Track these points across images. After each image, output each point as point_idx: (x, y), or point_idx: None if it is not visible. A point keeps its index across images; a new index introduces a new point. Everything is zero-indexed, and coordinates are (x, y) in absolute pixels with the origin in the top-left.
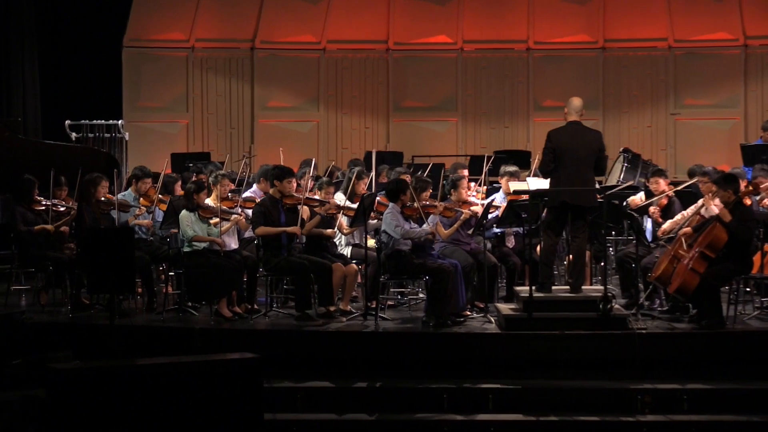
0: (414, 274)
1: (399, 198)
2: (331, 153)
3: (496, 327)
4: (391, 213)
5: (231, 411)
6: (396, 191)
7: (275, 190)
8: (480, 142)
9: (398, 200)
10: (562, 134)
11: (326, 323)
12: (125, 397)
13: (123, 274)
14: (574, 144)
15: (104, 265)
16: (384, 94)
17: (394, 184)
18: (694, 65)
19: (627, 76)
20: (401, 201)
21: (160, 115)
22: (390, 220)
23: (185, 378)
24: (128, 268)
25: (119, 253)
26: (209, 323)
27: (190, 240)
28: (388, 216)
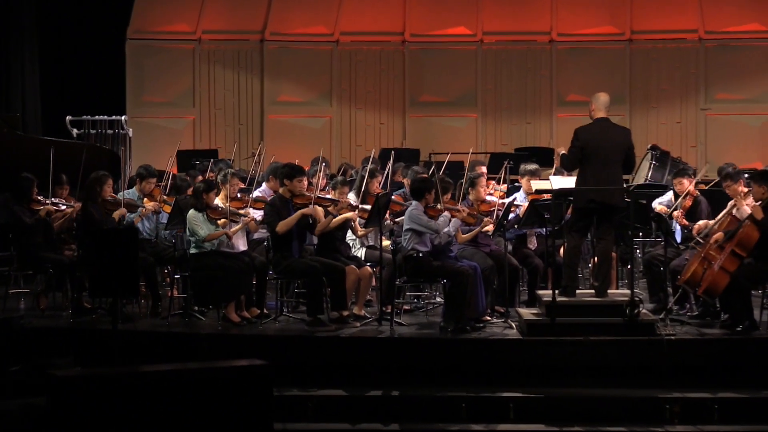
0: (431, 277)
1: (423, 197)
2: (344, 150)
3: (517, 333)
4: (417, 209)
5: (239, 420)
6: (421, 189)
7: (285, 189)
8: (500, 138)
9: (422, 199)
10: (590, 132)
11: (339, 328)
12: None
13: (126, 277)
14: (603, 142)
15: (107, 267)
16: (400, 89)
17: (419, 182)
18: (726, 58)
19: (655, 70)
20: (425, 200)
21: (165, 111)
22: (417, 215)
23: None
24: (132, 270)
25: (122, 255)
26: (216, 328)
27: (203, 240)
28: (414, 212)
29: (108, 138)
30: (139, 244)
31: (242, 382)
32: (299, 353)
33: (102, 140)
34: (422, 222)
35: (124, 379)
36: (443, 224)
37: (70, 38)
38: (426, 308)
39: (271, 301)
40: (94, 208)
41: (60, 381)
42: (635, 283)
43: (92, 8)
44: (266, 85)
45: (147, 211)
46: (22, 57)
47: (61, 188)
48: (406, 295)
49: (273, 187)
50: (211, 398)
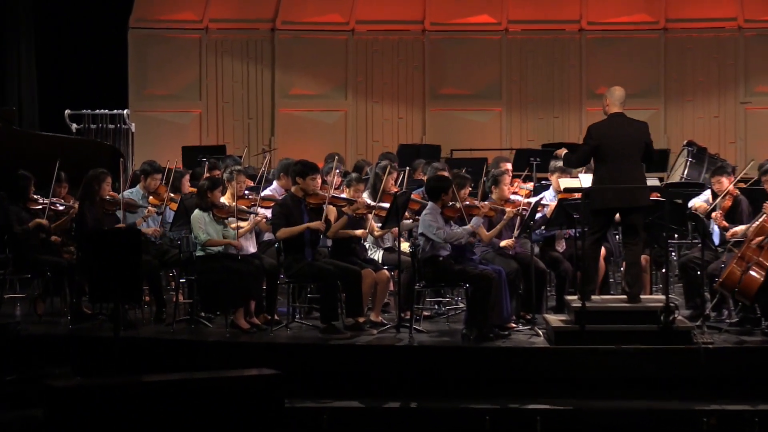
0: (453, 281)
1: (440, 197)
2: (361, 146)
3: (544, 341)
4: (431, 214)
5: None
6: (437, 189)
7: (297, 187)
8: (527, 133)
9: (439, 199)
10: (604, 128)
11: (355, 336)
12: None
13: (129, 281)
14: (618, 138)
15: (108, 270)
16: (419, 81)
17: (435, 181)
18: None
19: (691, 61)
20: (442, 201)
21: (170, 104)
22: (429, 222)
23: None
24: (134, 274)
25: (124, 258)
26: (224, 336)
27: (204, 244)
28: (426, 217)
29: (109, 133)
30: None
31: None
32: (312, 362)
33: (103, 135)
34: (431, 231)
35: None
36: (461, 235)
37: (69, 27)
38: (447, 314)
39: (283, 306)
40: (89, 208)
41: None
42: (670, 288)
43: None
44: (277, 77)
45: (151, 212)
46: (18, 47)
47: (60, 186)
48: (426, 301)
49: (284, 185)
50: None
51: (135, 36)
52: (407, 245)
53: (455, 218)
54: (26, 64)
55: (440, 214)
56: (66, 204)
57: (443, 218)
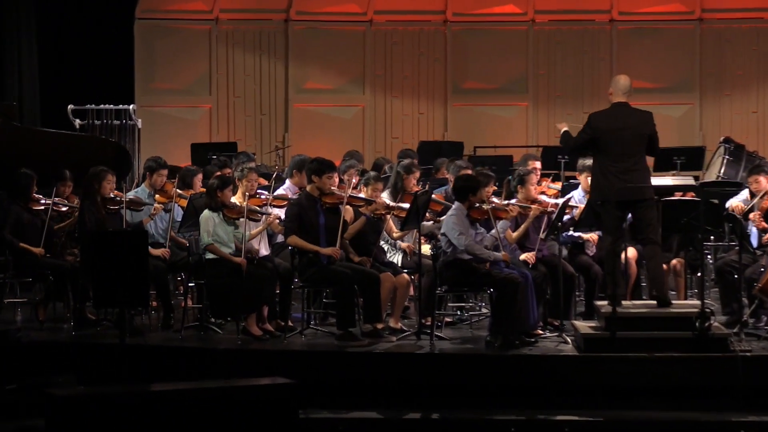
0: (476, 285)
1: (467, 197)
2: (379, 143)
3: (573, 348)
4: (456, 215)
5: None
6: (465, 189)
7: (313, 186)
8: (554, 130)
9: (466, 200)
10: (604, 117)
11: (373, 343)
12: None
13: (134, 285)
14: (618, 128)
15: (113, 273)
16: (441, 74)
17: (463, 181)
18: None
19: (729, 53)
20: (469, 201)
21: (178, 99)
22: (453, 225)
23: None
24: (141, 277)
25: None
26: (235, 343)
27: (204, 248)
28: (451, 219)
29: (114, 129)
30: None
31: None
32: (328, 371)
33: (108, 132)
34: (453, 235)
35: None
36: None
37: (72, 18)
38: (470, 321)
39: (297, 312)
40: (90, 208)
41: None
42: (706, 292)
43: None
44: (291, 70)
45: (158, 209)
46: (18, 39)
47: (64, 185)
48: (448, 306)
49: (298, 183)
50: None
51: (141, 27)
52: (428, 247)
53: (481, 221)
54: (27, 57)
55: (466, 215)
56: (69, 204)
57: (469, 220)
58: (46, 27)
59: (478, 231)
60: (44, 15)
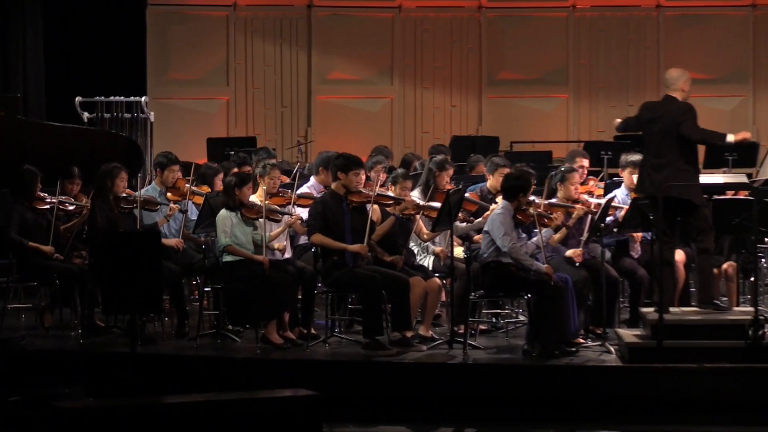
0: (513, 290)
1: (517, 197)
2: (408, 138)
3: (616, 358)
4: (503, 214)
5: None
6: (515, 189)
7: (339, 184)
8: (597, 124)
9: (516, 200)
10: (647, 107)
11: (402, 352)
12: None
13: (147, 290)
14: (650, 120)
15: (124, 278)
16: (475, 64)
17: (515, 179)
18: None
19: None
20: (518, 202)
21: (193, 91)
22: (499, 223)
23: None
24: (154, 281)
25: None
26: (254, 352)
27: (222, 250)
28: (498, 217)
29: (125, 123)
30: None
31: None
32: (354, 382)
33: (118, 126)
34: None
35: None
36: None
37: (79, 4)
38: (506, 328)
39: (321, 319)
40: (101, 208)
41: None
42: (760, 298)
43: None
44: (314, 60)
45: (174, 209)
46: (23, 27)
47: (72, 183)
48: (483, 313)
49: (322, 181)
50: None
51: (154, 14)
52: (461, 250)
53: (526, 225)
54: (32, 46)
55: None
56: (77, 203)
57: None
58: (53, 14)
59: (521, 236)
60: (50, 1)
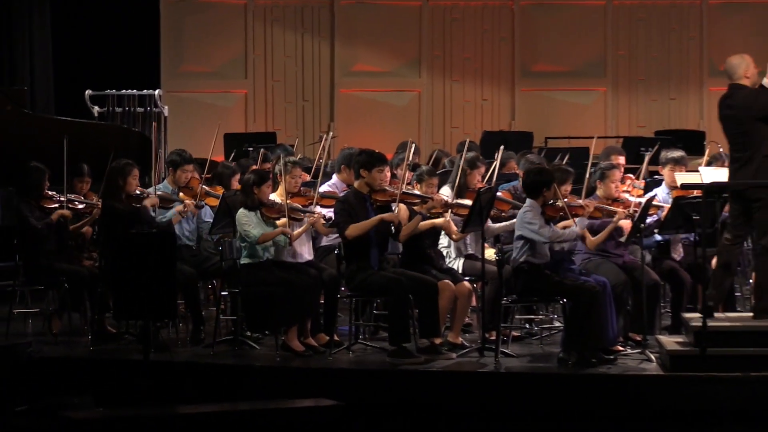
0: (548, 295)
1: (541, 193)
2: (437, 133)
3: (657, 367)
4: (531, 211)
5: None
6: (538, 184)
7: (362, 182)
8: (637, 118)
9: (539, 196)
10: (720, 103)
11: (430, 360)
12: None
13: (161, 294)
14: (722, 112)
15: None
16: (508, 56)
17: (536, 175)
18: None
19: None
20: (543, 197)
21: (209, 83)
22: (530, 219)
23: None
24: (168, 285)
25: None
26: (274, 360)
27: (256, 241)
28: (527, 215)
29: (138, 117)
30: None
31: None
32: (379, 391)
33: (130, 120)
34: (533, 229)
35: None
36: (569, 235)
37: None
38: (540, 335)
39: (344, 325)
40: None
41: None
42: None
43: None
44: (337, 50)
45: (189, 207)
46: (29, 16)
47: (81, 181)
48: (515, 319)
49: (346, 179)
50: None
51: (168, 2)
52: (493, 252)
53: (556, 219)
54: (39, 36)
55: (540, 214)
56: (87, 201)
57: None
58: (61, 2)
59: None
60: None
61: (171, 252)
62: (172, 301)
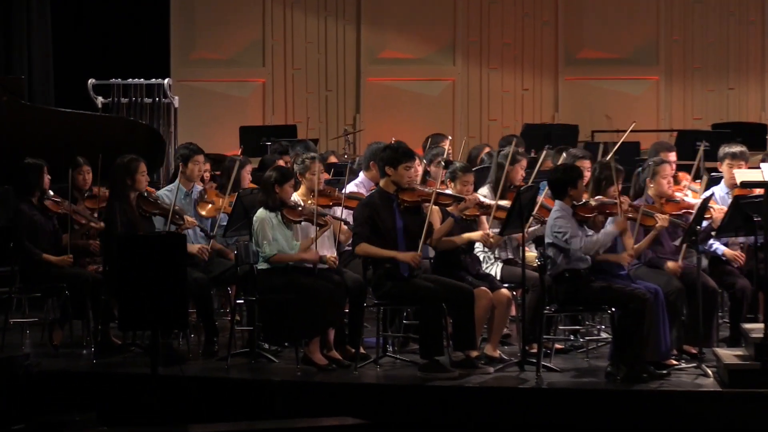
0: (594, 303)
1: (567, 193)
2: (473, 126)
3: (714, 382)
4: (561, 216)
5: None
6: (562, 183)
7: (387, 180)
8: (693, 110)
9: (566, 196)
10: None
11: (465, 375)
12: None
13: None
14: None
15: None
16: (551, 41)
17: (560, 172)
18: None
19: None
20: (570, 197)
21: (224, 72)
22: (559, 227)
23: None
24: (178, 292)
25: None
26: (294, 374)
27: (269, 259)
28: (556, 222)
29: (145, 109)
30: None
31: None
32: (409, 409)
33: (137, 112)
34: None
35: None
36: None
37: None
38: (586, 348)
39: (371, 336)
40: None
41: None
42: None
43: None
44: (364, 36)
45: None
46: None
47: (81, 173)
48: (559, 330)
49: (374, 177)
50: None
51: None
52: (534, 256)
53: (591, 220)
54: (38, 20)
55: (572, 215)
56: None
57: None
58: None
59: (588, 234)
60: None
61: (181, 255)
62: (183, 309)
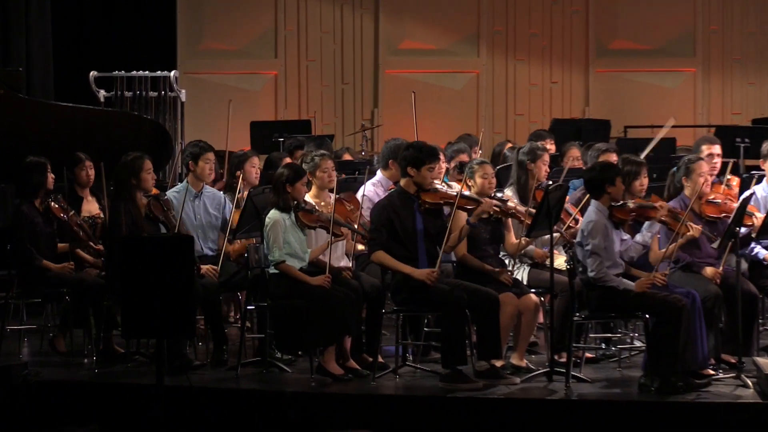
0: (626, 310)
1: (605, 191)
2: (498, 121)
3: (755, 393)
4: (595, 220)
5: None
6: (599, 182)
7: (409, 181)
8: (732, 104)
9: (603, 194)
10: None
11: (489, 386)
12: None
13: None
14: None
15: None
16: (581, 31)
17: (598, 171)
18: None
19: None
20: (608, 196)
21: (234, 64)
22: (587, 235)
23: None
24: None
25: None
26: (308, 385)
27: (278, 265)
28: (588, 226)
29: (150, 103)
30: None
31: None
32: (430, 421)
33: (142, 106)
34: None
35: None
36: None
37: None
38: (619, 357)
39: (390, 344)
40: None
41: None
42: None
43: None
44: (383, 25)
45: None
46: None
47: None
48: (590, 338)
49: (393, 176)
50: None
51: None
52: (563, 260)
53: (628, 222)
54: (37, 11)
55: (608, 217)
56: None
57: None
58: None
59: (624, 238)
60: None
61: (189, 259)
62: (191, 316)
